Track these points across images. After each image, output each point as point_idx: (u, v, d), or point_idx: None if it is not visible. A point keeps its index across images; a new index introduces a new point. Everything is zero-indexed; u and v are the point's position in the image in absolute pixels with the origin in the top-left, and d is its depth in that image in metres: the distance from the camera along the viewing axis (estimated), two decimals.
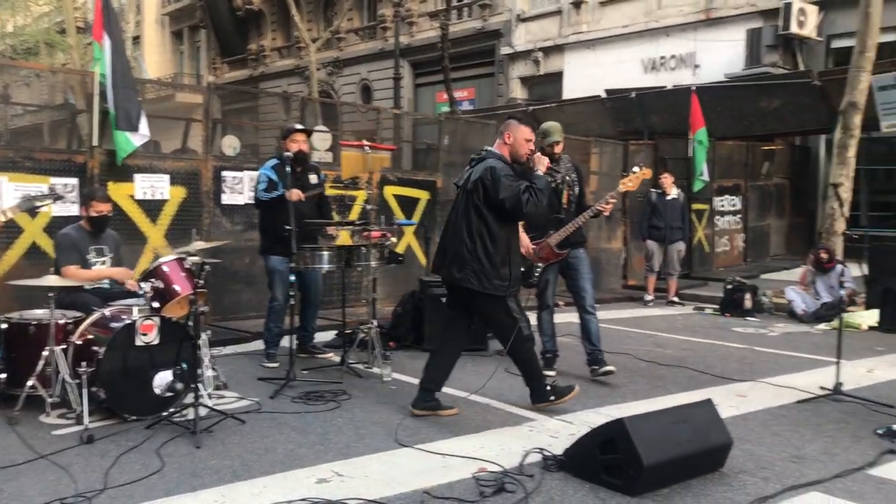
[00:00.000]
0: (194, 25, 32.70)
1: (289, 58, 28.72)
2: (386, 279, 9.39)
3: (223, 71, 31.65)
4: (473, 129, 11.40)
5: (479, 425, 4.96)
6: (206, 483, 3.88)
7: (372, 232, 6.22)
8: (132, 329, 4.86)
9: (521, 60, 21.83)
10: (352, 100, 25.30)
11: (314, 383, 5.93)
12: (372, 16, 26.11)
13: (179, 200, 7.94)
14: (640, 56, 19.15)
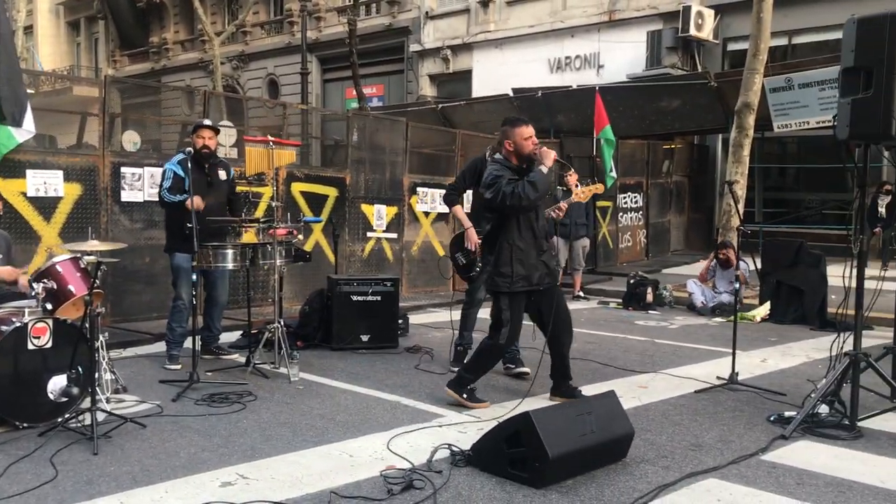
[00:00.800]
0: (92, 16, 31.44)
1: (192, 51, 27.97)
2: (294, 278, 9.27)
3: (123, 64, 30.55)
4: (383, 126, 11.37)
5: (387, 422, 4.95)
6: (102, 490, 3.74)
7: (277, 229, 6.12)
8: (23, 332, 4.63)
9: (430, 58, 21.89)
10: (258, 94, 24.85)
11: (219, 385, 5.79)
12: (278, 10, 25.69)
13: (75, 198, 7.62)
14: (547, 56, 19.50)
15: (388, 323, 7.43)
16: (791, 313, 9.48)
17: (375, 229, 10.71)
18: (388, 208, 10.90)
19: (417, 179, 11.41)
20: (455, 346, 6.59)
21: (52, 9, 32.51)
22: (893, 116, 4.51)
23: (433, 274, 11.47)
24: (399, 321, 7.74)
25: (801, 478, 4.08)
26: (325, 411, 5.19)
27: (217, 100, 14.39)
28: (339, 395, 5.64)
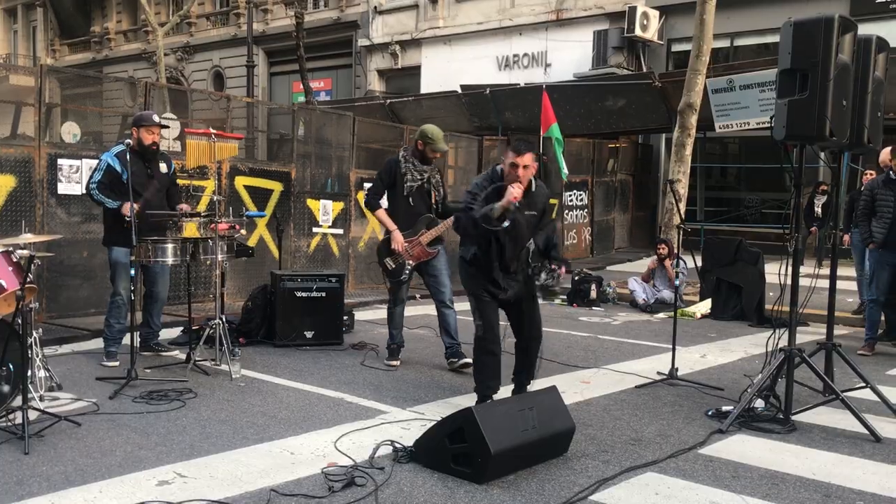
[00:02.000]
0: (30, 3, 30.52)
1: (135, 42, 27.36)
2: (237, 273, 9.14)
3: (63, 53, 29.73)
4: (329, 120, 11.28)
5: (330, 419, 4.91)
6: (33, 491, 3.63)
7: (219, 223, 6.02)
8: None
9: (378, 53, 21.79)
10: (203, 87, 24.42)
11: (158, 382, 5.67)
12: (224, 1, 25.28)
13: (8, 190, 7.38)
14: (495, 53, 19.58)
15: (332, 319, 7.37)
16: (730, 310, 9.69)
17: (321, 224, 10.62)
18: (334, 203, 10.82)
19: (364, 175, 11.34)
20: (387, 346, 6.64)
21: None
22: (828, 117, 4.64)
23: (379, 270, 11.41)
24: (344, 317, 7.68)
25: (736, 471, 4.17)
26: (267, 409, 5.13)
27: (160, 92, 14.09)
28: (282, 392, 5.57)
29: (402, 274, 6.35)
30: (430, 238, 6.32)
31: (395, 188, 6.38)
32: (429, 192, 6.42)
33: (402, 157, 6.41)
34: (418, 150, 6.38)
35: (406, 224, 6.33)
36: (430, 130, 6.36)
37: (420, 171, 6.35)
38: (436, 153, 6.41)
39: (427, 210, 6.41)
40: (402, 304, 6.61)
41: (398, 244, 6.24)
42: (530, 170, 4.92)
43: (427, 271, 6.48)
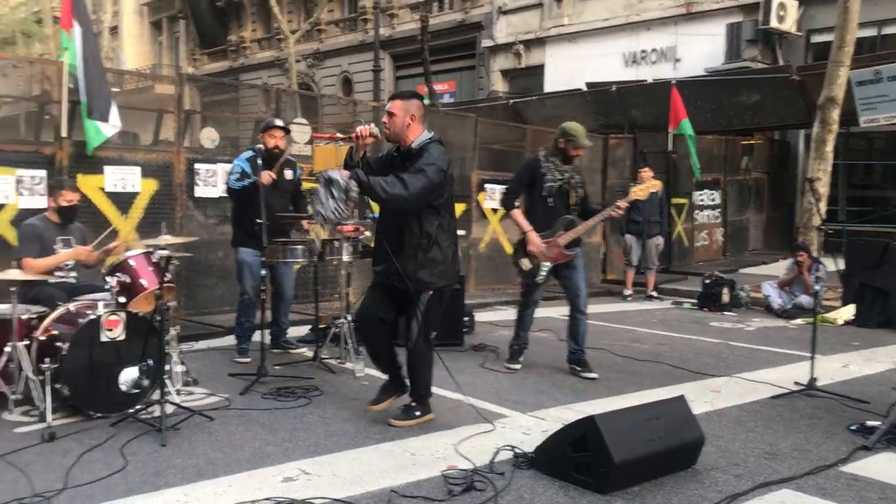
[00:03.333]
0: (173, 16, 32.35)
1: (269, 49, 28.50)
2: (361, 274, 9.30)
3: (203, 62, 31.35)
4: (452, 122, 11.33)
5: (450, 422, 4.90)
6: (169, 482, 3.80)
7: (345, 226, 6.13)
8: (97, 324, 4.76)
9: (502, 53, 21.76)
10: (332, 92, 25.14)
11: (286, 379, 5.85)
12: (353, 7, 25.93)
13: (151, 193, 7.81)
14: (621, 49, 19.15)
15: (453, 320, 7.36)
16: (875, 316, 9.06)
17: None
18: (456, 205, 10.83)
19: (486, 176, 11.33)
20: (510, 345, 6.52)
21: (137, 9, 33.59)
22: None
23: (500, 271, 11.39)
24: (465, 319, 7.68)
25: (884, 492, 3.86)
26: (389, 408, 5.17)
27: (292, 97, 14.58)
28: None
29: (538, 275, 6.22)
30: (568, 240, 6.14)
31: (535, 188, 6.22)
32: (568, 193, 6.23)
33: (543, 156, 6.25)
34: (559, 149, 6.20)
35: (544, 225, 6.17)
36: (570, 127, 6.18)
37: (561, 170, 6.16)
38: (578, 150, 6.23)
39: (566, 211, 6.22)
40: (535, 305, 6.49)
41: (534, 245, 6.11)
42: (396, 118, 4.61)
43: (563, 274, 6.32)
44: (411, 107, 4.63)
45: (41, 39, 27.98)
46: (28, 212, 6.53)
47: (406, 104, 4.63)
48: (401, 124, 4.61)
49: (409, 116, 4.60)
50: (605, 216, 6.24)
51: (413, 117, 4.61)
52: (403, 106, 4.62)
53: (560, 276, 6.34)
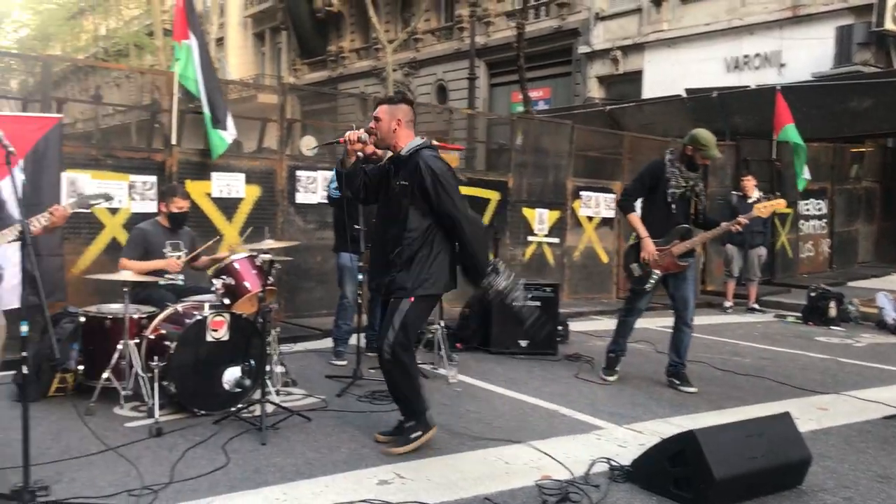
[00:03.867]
0: (276, 27, 33.36)
1: (367, 59, 29.03)
2: None
3: (303, 72, 32.19)
4: (547, 129, 11.26)
5: (544, 431, 4.86)
6: (269, 480, 3.90)
7: None
8: (203, 325, 4.94)
9: (598, 59, 21.49)
10: (427, 100, 25.39)
11: (381, 382, 5.89)
12: (449, 16, 26.14)
13: (254, 199, 8.07)
14: (723, 55, 18.61)
15: (547, 329, 7.32)
16: None
17: (537, 233, 10.63)
18: (550, 212, 10.78)
19: (581, 183, 11.21)
20: (607, 352, 6.40)
21: (241, 21, 34.80)
22: None
23: (595, 280, 11.25)
24: (559, 328, 7.61)
25: None
26: (483, 415, 5.17)
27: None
28: (497, 400, 5.61)
29: (647, 283, 6.06)
30: (682, 250, 5.97)
31: (657, 192, 6.04)
32: (690, 201, 6.06)
33: (669, 160, 6.05)
34: (686, 156, 6.01)
35: (660, 231, 5.99)
36: (702, 136, 5.97)
37: (686, 177, 5.98)
38: (706, 160, 6.07)
39: (685, 220, 6.04)
40: (638, 314, 6.30)
41: (648, 252, 5.96)
42: (382, 123, 4.40)
43: (673, 285, 6.15)
44: (398, 112, 4.40)
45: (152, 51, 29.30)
46: (139, 215, 6.85)
47: (392, 109, 4.41)
48: (387, 129, 4.39)
49: (394, 121, 4.38)
50: (724, 230, 6.07)
51: (399, 122, 4.39)
52: (389, 111, 4.40)
53: (669, 286, 6.15)
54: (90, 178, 6.92)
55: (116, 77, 36.57)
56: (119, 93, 38.02)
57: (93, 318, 5.19)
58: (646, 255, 5.96)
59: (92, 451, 4.22)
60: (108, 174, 7.03)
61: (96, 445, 4.29)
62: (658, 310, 8.15)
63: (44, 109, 6.97)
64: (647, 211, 6.16)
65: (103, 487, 3.74)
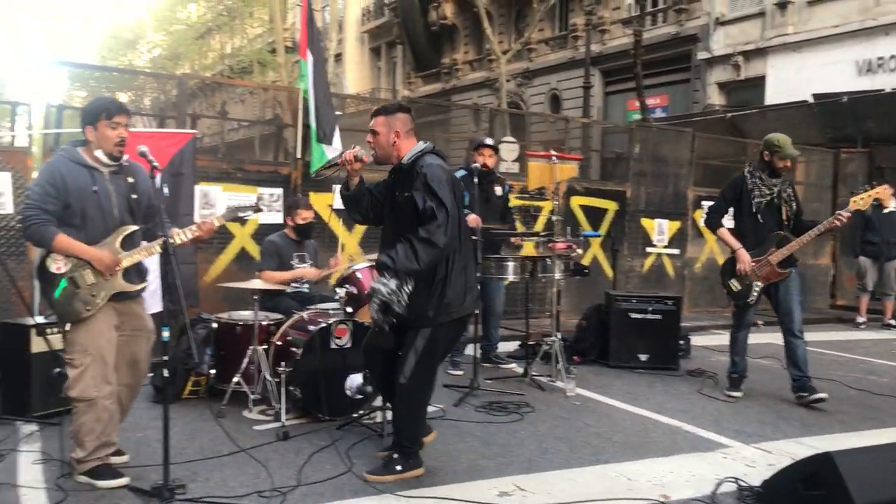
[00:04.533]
0: (391, 42, 34.07)
1: (479, 70, 29.22)
2: (570, 291, 9.27)
3: (417, 85, 32.73)
4: (666, 137, 11.01)
5: (666, 448, 4.73)
6: (390, 487, 3.96)
7: (557, 243, 6.14)
8: (328, 332, 5.08)
9: (719, 65, 20.85)
10: (540, 110, 25.30)
11: (497, 393, 5.92)
12: (563, 25, 25.99)
13: None
14: (853, 57, 17.70)
15: (668, 343, 7.15)
16: None
17: (656, 244, 10.39)
18: (669, 223, 10.53)
19: (703, 193, 10.89)
20: (729, 374, 6.23)
21: (358, 37, 35.75)
22: None
23: (717, 293, 10.86)
24: (680, 342, 7.41)
25: None
26: (602, 430, 5.09)
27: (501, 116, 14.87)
28: (616, 415, 5.51)
29: (749, 296, 5.92)
30: (780, 257, 5.80)
31: (741, 205, 5.98)
32: (779, 208, 5.91)
33: (748, 171, 6.02)
34: (764, 162, 5.93)
35: (754, 243, 5.90)
36: (775, 138, 5.89)
37: (769, 185, 5.89)
38: (785, 161, 5.90)
39: (777, 227, 5.90)
40: (747, 328, 6.17)
41: (744, 264, 5.83)
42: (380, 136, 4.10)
43: (776, 295, 5.97)
44: (395, 122, 4.10)
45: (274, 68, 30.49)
46: (267, 227, 7.13)
47: (389, 119, 4.11)
48: (386, 142, 4.10)
49: (393, 133, 4.09)
50: (823, 229, 5.81)
51: (398, 133, 4.09)
52: (386, 122, 4.11)
53: (772, 296, 5.99)
54: (221, 190, 7.26)
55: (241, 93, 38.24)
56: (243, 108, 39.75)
57: (225, 324, 5.44)
58: (742, 266, 5.82)
59: (224, 452, 4.41)
60: (237, 187, 7.36)
61: (228, 447, 4.47)
62: None
63: (179, 125, 7.36)
64: (738, 225, 6.08)
65: (235, 488, 3.90)
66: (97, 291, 3.79)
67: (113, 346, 3.91)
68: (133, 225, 3.95)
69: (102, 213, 3.83)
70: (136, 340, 4.04)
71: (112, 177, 3.89)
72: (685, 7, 21.74)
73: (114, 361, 3.92)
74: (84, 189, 3.78)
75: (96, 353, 3.81)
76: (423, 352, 4.01)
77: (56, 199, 3.72)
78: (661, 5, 22.81)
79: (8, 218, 6.45)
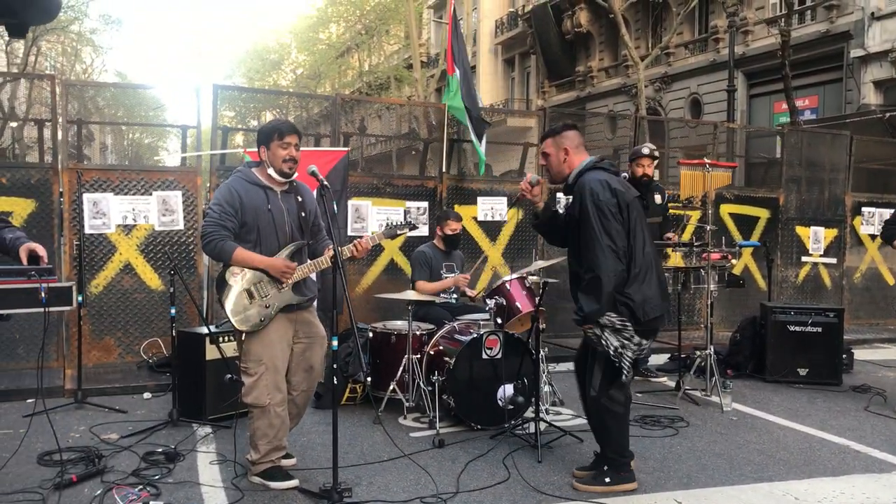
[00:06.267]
0: (525, 52, 34.12)
1: (615, 77, 28.77)
2: (720, 303, 8.96)
3: (551, 94, 32.59)
4: (819, 140, 10.47)
5: (836, 468, 4.51)
6: (549, 498, 3.97)
7: (712, 253, 5.98)
8: (479, 343, 5.16)
9: (875, 62, 19.62)
10: (679, 115, 24.64)
11: (650, 407, 5.82)
12: (703, 28, 25.21)
13: (516, 221, 8.30)
14: None
15: (829, 357, 6.80)
16: None
17: (812, 253, 9.90)
18: (826, 230, 10.01)
19: (863, 198, 10.29)
20: None
21: (492, 49, 36.01)
22: None
23: (880, 304, 10.26)
24: (843, 356, 7.02)
25: None
26: (763, 446, 4.91)
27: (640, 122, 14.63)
28: (777, 431, 5.29)
29: None
30: None
31: None
32: None
33: None
34: None
35: None
36: None
37: None
38: None
39: None
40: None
41: None
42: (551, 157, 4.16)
43: None
44: (563, 140, 4.17)
45: (410, 83, 31.26)
46: (413, 239, 7.32)
47: (556, 139, 4.20)
48: (557, 161, 4.18)
49: (562, 151, 4.16)
50: None
51: (567, 151, 4.15)
52: (554, 143, 4.20)
53: None
54: (371, 204, 7.52)
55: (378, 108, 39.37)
56: (380, 123, 40.91)
57: (380, 333, 5.63)
58: None
59: (384, 457, 4.57)
60: (387, 201, 7.60)
61: (387, 452, 4.63)
62: None
63: (332, 143, 7.69)
64: None
65: (397, 493, 4.03)
66: (271, 303, 4.02)
67: (286, 355, 4.13)
68: (301, 240, 4.17)
69: (276, 230, 4.06)
70: (312, 347, 4.25)
71: (284, 196, 4.12)
72: (836, 3, 20.65)
73: (286, 370, 4.14)
74: (259, 207, 4.02)
75: (270, 363, 4.04)
76: (608, 364, 4.07)
77: (233, 217, 3.98)
78: (808, 2, 21.76)
79: (181, 233, 6.94)
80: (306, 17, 37.28)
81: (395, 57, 36.49)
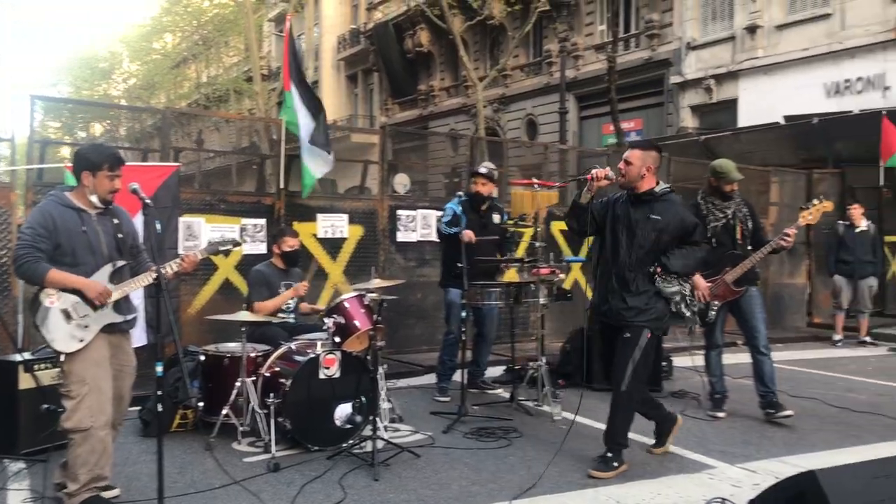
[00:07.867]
0: (368, 69, 34.26)
1: (456, 97, 29.45)
2: (553, 315, 9.33)
3: (394, 111, 32.90)
4: None
5: (655, 470, 4.80)
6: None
7: (541, 268, 6.23)
8: (316, 363, 5.11)
9: (691, 89, 21.22)
10: (517, 135, 25.55)
11: (485, 419, 5.97)
12: (538, 52, 26.31)
13: (357, 238, 8.31)
14: (822, 80, 18.09)
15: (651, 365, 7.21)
16: None
17: None
18: None
19: None
20: (710, 395, 6.41)
21: (334, 64, 35.90)
22: None
23: None
24: (663, 363, 7.49)
25: None
26: (591, 453, 5.13)
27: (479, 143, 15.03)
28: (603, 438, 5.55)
29: (707, 316, 6.07)
30: (735, 276, 6.02)
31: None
32: (734, 229, 6.11)
33: (701, 198, 6.22)
34: (713, 187, 6.16)
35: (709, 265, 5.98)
36: (718, 165, 6.15)
37: (721, 208, 6.11)
38: (731, 185, 6.11)
39: (733, 246, 6.11)
40: (718, 349, 6.36)
41: (700, 288, 5.90)
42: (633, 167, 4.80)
43: (738, 314, 6.19)
44: (648, 158, 4.79)
45: (251, 96, 30.57)
46: (251, 257, 7.16)
47: (644, 155, 4.80)
48: (636, 173, 4.78)
49: (645, 167, 4.77)
50: (770, 248, 6.01)
51: (650, 169, 4.78)
52: (642, 156, 4.80)
53: (735, 315, 6.21)
54: (205, 222, 7.28)
55: (216, 121, 38.24)
56: (219, 136, 39.73)
57: (212, 356, 5.45)
58: (698, 290, 5.86)
59: (215, 485, 4.42)
60: (221, 218, 7.39)
61: (219, 479, 4.48)
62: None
63: (162, 158, 7.40)
64: None
65: None
66: (89, 323, 3.83)
67: (109, 376, 3.95)
68: (121, 260, 4.00)
69: (92, 251, 3.91)
70: (122, 376, 4.12)
71: (99, 218, 4.00)
72: (657, 32, 22.14)
73: (110, 393, 3.95)
74: (73, 230, 3.87)
75: (93, 383, 3.85)
76: (640, 360, 4.71)
77: (47, 239, 3.79)
78: (633, 31, 23.20)
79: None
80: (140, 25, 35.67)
81: (234, 69, 35.58)
